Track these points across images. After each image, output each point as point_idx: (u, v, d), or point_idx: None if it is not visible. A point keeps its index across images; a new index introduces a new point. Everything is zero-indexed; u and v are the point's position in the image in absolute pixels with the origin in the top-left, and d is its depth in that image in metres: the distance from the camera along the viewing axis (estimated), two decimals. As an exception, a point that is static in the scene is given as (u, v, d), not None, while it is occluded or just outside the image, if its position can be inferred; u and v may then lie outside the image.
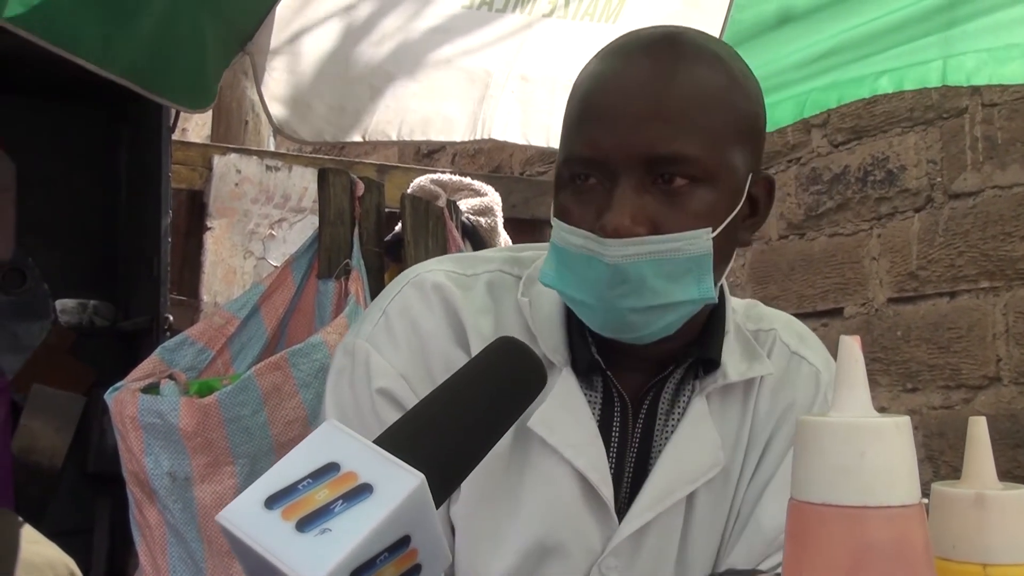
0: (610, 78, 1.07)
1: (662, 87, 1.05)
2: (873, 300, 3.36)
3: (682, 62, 1.07)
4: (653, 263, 1.03)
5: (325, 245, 2.27)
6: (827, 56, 2.43)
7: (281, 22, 2.35)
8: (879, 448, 0.63)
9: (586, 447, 1.12)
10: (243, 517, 0.62)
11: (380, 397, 1.11)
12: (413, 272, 1.19)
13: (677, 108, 1.04)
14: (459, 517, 1.13)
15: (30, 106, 3.32)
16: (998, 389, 3.01)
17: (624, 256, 1.02)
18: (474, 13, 2.52)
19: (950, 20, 2.21)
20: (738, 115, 1.08)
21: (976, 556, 0.73)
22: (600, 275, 1.04)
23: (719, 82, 1.07)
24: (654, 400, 1.17)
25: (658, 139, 1.03)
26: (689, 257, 1.04)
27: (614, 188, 1.04)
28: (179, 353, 2.16)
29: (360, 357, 1.13)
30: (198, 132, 5.57)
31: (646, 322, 1.06)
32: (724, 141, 1.06)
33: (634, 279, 1.03)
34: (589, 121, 1.07)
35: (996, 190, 3.04)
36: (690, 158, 1.03)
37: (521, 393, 0.78)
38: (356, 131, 2.50)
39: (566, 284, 1.08)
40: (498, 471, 1.12)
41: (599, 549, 1.14)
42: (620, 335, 1.09)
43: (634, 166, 1.03)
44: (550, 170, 4.70)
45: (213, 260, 3.53)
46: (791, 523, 0.66)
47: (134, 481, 2.05)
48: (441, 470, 0.69)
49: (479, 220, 2.72)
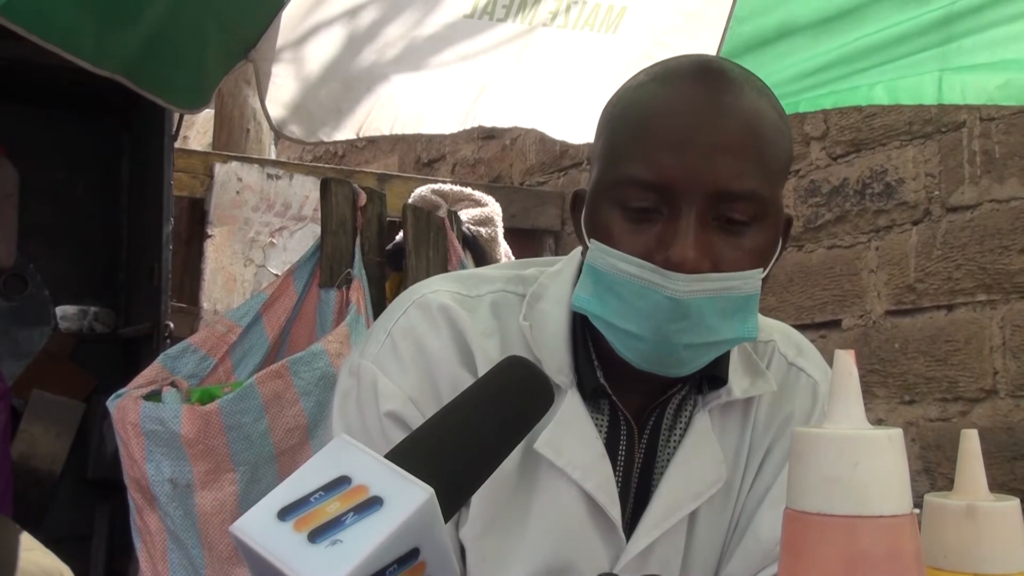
0: (673, 103, 1.04)
1: (730, 120, 1.02)
2: (871, 312, 3.37)
3: (741, 93, 1.04)
4: (711, 300, 1.01)
5: (327, 254, 2.28)
6: (825, 69, 2.44)
7: (284, 29, 2.36)
8: (872, 459, 0.65)
9: (593, 469, 1.12)
10: (256, 528, 0.64)
11: (389, 420, 1.10)
12: (417, 292, 1.17)
13: (743, 143, 1.02)
14: (468, 539, 1.13)
15: (33, 114, 3.34)
16: (995, 402, 3.02)
17: (690, 292, 1.00)
18: (475, 22, 2.53)
19: (947, 36, 2.22)
20: (788, 152, 1.08)
21: (967, 566, 0.75)
22: (660, 308, 1.01)
23: (773, 118, 1.06)
24: (658, 419, 1.16)
25: (727, 173, 1.01)
26: (742, 296, 1.03)
27: (678, 219, 1.01)
28: (181, 361, 2.16)
29: (367, 379, 1.12)
30: (200, 140, 5.59)
31: (693, 358, 1.05)
32: (778, 179, 1.06)
33: (694, 315, 1.01)
34: (652, 145, 1.02)
35: (994, 204, 3.05)
36: (755, 195, 1.02)
37: (528, 412, 0.79)
38: (350, 128, 2.50)
39: (610, 313, 1.05)
40: (506, 493, 1.12)
41: (607, 568, 1.14)
42: (663, 370, 1.07)
43: (700, 198, 1.00)
44: (550, 180, 4.70)
45: (214, 268, 3.53)
46: (786, 532, 0.67)
47: (135, 487, 2.06)
48: (450, 485, 0.70)
49: (479, 230, 2.73)
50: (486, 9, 2.52)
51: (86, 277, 3.39)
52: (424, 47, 2.52)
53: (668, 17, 2.62)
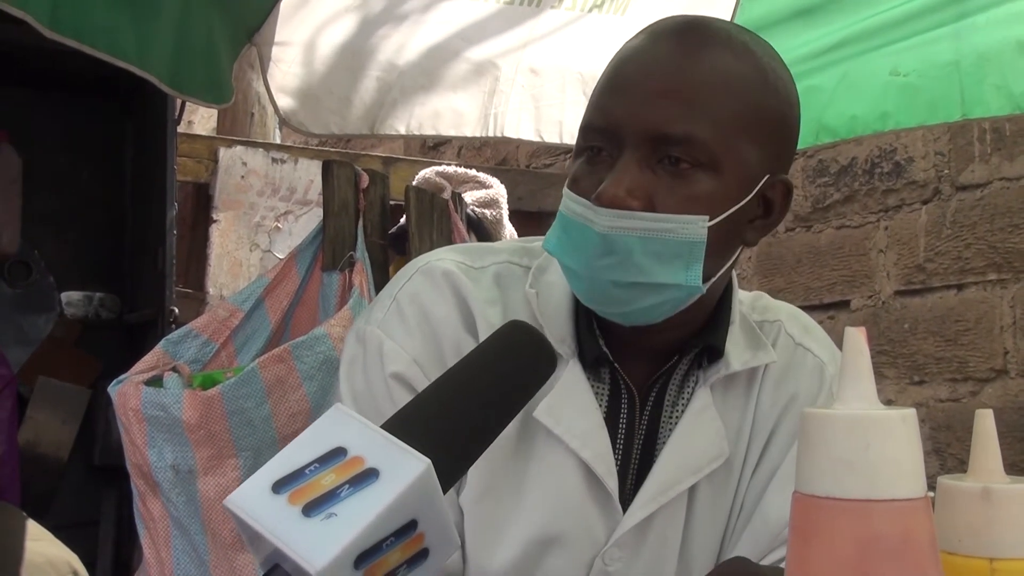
0: (634, 55, 1.08)
1: (681, 67, 1.05)
2: (880, 293, 3.35)
3: (707, 47, 1.07)
4: (642, 240, 1.03)
5: (329, 237, 2.27)
6: (838, 47, 2.42)
7: (289, 14, 2.34)
8: (884, 441, 0.63)
9: (591, 438, 1.12)
10: (250, 501, 0.63)
11: (394, 382, 1.11)
12: (423, 260, 1.19)
13: (691, 89, 1.04)
14: (464, 506, 1.13)
15: (36, 99, 3.32)
16: (1005, 382, 3.00)
17: (613, 227, 1.02)
18: (482, 5, 2.51)
19: (961, 12, 2.19)
20: (756, 108, 1.07)
21: (982, 550, 0.73)
22: (589, 242, 1.04)
23: (742, 72, 1.06)
24: (660, 391, 1.16)
25: (668, 117, 1.03)
26: (681, 241, 1.03)
27: (618, 159, 1.04)
28: (183, 346, 2.16)
29: (372, 343, 1.13)
30: (204, 125, 5.57)
31: (629, 298, 1.06)
32: (736, 131, 1.05)
33: (620, 252, 1.03)
34: (607, 93, 1.07)
35: (1004, 182, 3.02)
36: (697, 141, 1.03)
37: (530, 377, 0.78)
38: (364, 124, 2.50)
39: (563, 251, 1.08)
40: (503, 461, 1.12)
41: (603, 540, 1.14)
42: (604, 308, 1.09)
43: (641, 140, 1.03)
44: (556, 163, 4.69)
45: (219, 253, 3.53)
46: (795, 516, 0.65)
47: (138, 474, 2.06)
48: (449, 455, 0.69)
49: (484, 212, 2.71)
50: None
51: (91, 263, 3.38)
52: (431, 32, 2.51)
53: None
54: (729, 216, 1.06)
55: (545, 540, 1.13)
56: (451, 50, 2.55)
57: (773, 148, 1.09)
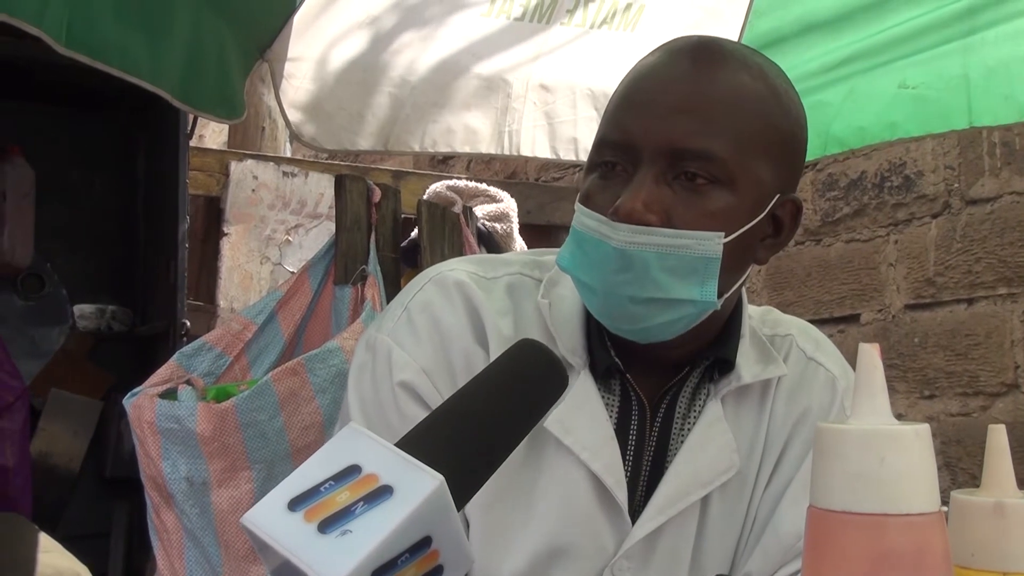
0: (651, 71, 1.09)
1: (699, 84, 1.06)
2: (890, 307, 3.34)
3: (724, 66, 1.08)
4: (658, 255, 1.03)
5: (342, 251, 2.28)
6: (846, 63, 2.42)
7: (301, 30, 2.36)
8: (899, 456, 0.63)
9: (602, 450, 1.12)
10: (267, 519, 0.64)
11: (402, 390, 1.11)
12: (434, 271, 1.20)
13: (709, 106, 1.05)
14: (472, 515, 1.13)
15: (49, 113, 3.35)
16: (1016, 396, 2.99)
17: (631, 242, 1.03)
18: (492, 22, 2.52)
19: (970, 27, 2.20)
20: (771, 127, 1.08)
21: (995, 565, 0.73)
22: (606, 258, 1.04)
23: (757, 91, 1.08)
24: (671, 403, 1.16)
25: (685, 132, 1.04)
26: (697, 257, 1.04)
27: (634, 175, 1.05)
28: (197, 359, 2.16)
29: (382, 352, 1.14)
30: (215, 138, 5.60)
31: (644, 314, 1.06)
32: (752, 149, 1.06)
33: (637, 267, 1.04)
34: (623, 108, 1.08)
35: (1014, 196, 3.02)
36: (714, 156, 1.04)
37: (542, 396, 0.78)
38: (377, 141, 2.50)
39: (577, 267, 1.09)
40: (512, 471, 1.12)
41: (612, 551, 1.14)
42: (619, 325, 1.09)
43: (658, 155, 1.04)
44: (565, 176, 4.69)
45: (230, 266, 3.54)
46: (810, 530, 0.66)
47: (152, 485, 2.06)
48: (462, 472, 0.69)
49: (495, 226, 2.72)
50: (502, 8, 2.51)
51: (103, 276, 3.40)
52: (442, 48, 2.51)
53: (688, 15, 2.61)
54: (743, 233, 1.07)
55: (554, 551, 1.13)
56: (462, 66, 2.56)
57: (784, 167, 1.11)
